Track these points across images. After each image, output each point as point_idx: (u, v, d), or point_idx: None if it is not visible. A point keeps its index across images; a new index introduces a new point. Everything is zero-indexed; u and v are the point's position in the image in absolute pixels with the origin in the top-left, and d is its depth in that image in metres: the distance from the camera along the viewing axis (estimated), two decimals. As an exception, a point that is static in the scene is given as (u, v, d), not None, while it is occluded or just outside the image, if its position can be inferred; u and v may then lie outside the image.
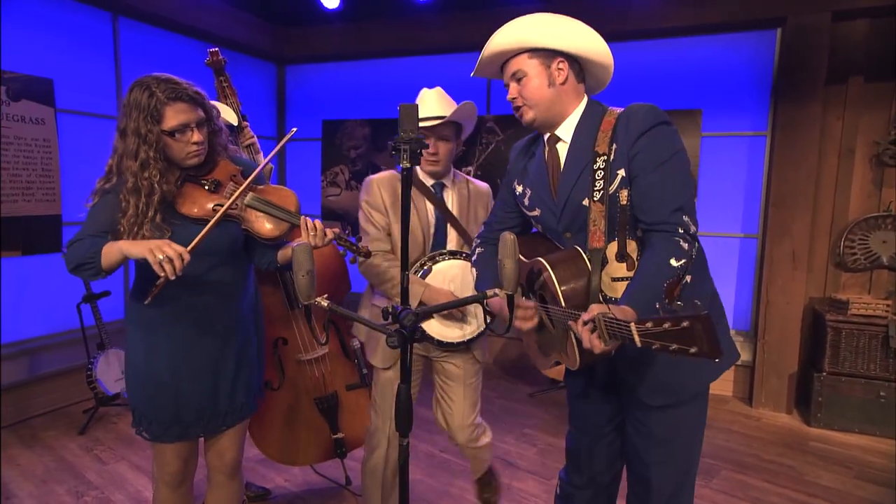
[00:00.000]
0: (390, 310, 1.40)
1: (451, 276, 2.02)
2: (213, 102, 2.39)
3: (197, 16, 4.21)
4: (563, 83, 1.50)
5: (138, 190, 1.50)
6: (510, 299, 1.38)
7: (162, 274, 1.38)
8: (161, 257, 1.36)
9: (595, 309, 1.22)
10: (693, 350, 1.02)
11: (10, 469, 2.86)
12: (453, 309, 2.00)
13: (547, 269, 1.44)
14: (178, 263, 1.38)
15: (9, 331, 3.34)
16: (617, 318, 1.16)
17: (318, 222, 1.67)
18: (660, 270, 1.32)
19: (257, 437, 2.53)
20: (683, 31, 3.95)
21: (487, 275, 1.67)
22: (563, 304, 1.39)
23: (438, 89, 2.05)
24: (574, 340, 1.36)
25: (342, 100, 5.22)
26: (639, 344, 1.09)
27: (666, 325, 1.05)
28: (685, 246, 1.35)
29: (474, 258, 1.77)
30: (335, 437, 2.51)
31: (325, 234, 1.66)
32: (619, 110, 1.49)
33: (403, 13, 4.59)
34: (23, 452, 3.03)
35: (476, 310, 2.04)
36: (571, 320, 1.30)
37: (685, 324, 1.02)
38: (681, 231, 1.35)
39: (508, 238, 1.31)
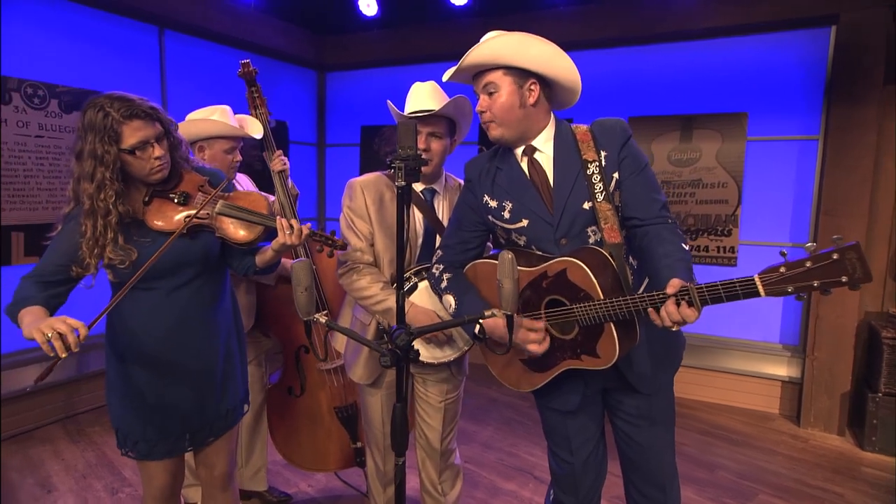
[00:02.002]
0: (385, 328, 1.39)
1: None
2: (240, 117, 2.47)
3: (239, 27, 4.35)
4: (533, 104, 1.56)
5: (94, 212, 1.49)
6: (510, 320, 1.36)
7: (51, 354, 1.25)
8: (49, 335, 1.25)
9: (677, 282, 1.28)
10: (844, 279, 1.13)
11: (56, 463, 3.02)
12: (453, 320, 1.94)
13: (578, 265, 1.44)
14: (70, 339, 1.26)
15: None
16: (719, 282, 1.24)
17: (293, 221, 1.66)
18: (684, 254, 1.43)
19: (280, 443, 2.58)
20: (727, 30, 3.78)
21: (469, 298, 1.64)
22: (601, 296, 1.41)
23: (432, 83, 1.94)
24: (615, 333, 1.42)
25: (381, 105, 5.27)
26: (763, 294, 1.20)
27: (808, 264, 1.16)
28: (682, 233, 1.51)
29: (443, 285, 1.70)
30: (354, 446, 2.52)
31: (302, 232, 1.65)
32: (584, 126, 1.61)
33: (441, 18, 4.60)
34: (68, 447, 3.19)
35: (460, 330, 1.92)
36: (633, 305, 1.35)
37: (835, 256, 1.13)
38: (670, 222, 1.52)
39: (507, 257, 1.28)
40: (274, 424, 2.59)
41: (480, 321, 1.42)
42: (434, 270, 1.77)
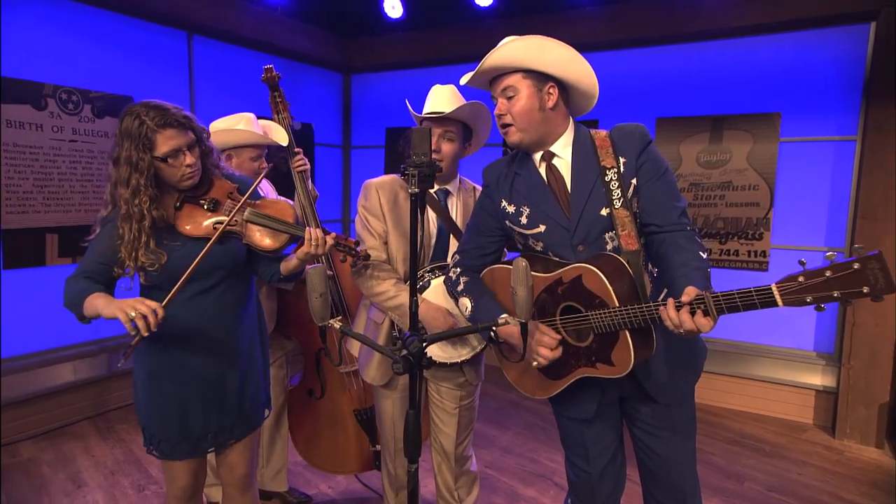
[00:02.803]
0: (397, 334, 1.41)
1: None
2: (264, 123, 2.51)
3: (266, 31, 4.42)
4: (552, 108, 1.56)
5: (130, 217, 1.55)
6: (524, 328, 1.35)
7: (134, 333, 1.37)
8: (133, 314, 1.37)
9: (692, 290, 1.26)
10: (866, 290, 1.10)
11: (86, 458, 3.12)
12: (466, 327, 1.94)
13: (593, 272, 1.43)
14: (151, 319, 1.38)
15: (88, 330, 3.63)
16: (735, 291, 1.22)
17: (318, 231, 1.70)
18: (701, 262, 1.42)
19: (300, 445, 2.61)
20: (759, 28, 3.69)
21: (486, 301, 1.65)
22: (616, 303, 1.40)
23: (451, 86, 1.97)
24: (630, 341, 1.41)
25: (406, 107, 5.29)
26: (780, 304, 1.18)
27: (828, 274, 1.13)
28: (700, 241, 1.49)
29: (460, 288, 1.72)
30: (374, 449, 2.54)
31: (326, 242, 1.70)
32: (603, 131, 1.59)
33: (466, 19, 4.60)
34: (98, 444, 3.29)
35: None
36: (649, 313, 1.34)
37: (856, 266, 1.11)
38: (689, 229, 1.50)
39: (521, 265, 1.28)
40: (294, 426, 2.63)
41: (494, 328, 1.41)
42: (451, 274, 1.78)
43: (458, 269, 1.76)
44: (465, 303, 1.68)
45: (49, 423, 3.43)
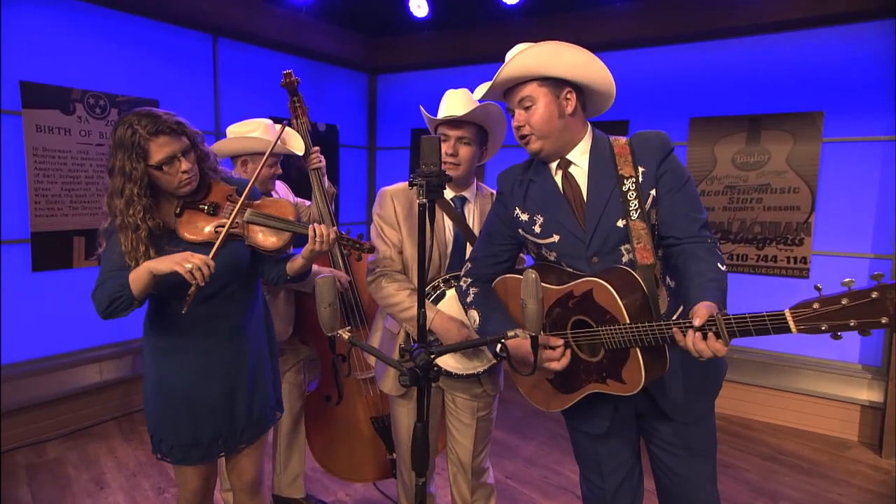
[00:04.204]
0: (403, 346, 1.41)
1: None
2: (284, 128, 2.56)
3: (290, 32, 4.50)
4: (571, 113, 1.55)
5: (126, 227, 1.58)
6: (534, 341, 1.34)
7: (193, 282, 1.51)
8: (189, 266, 1.50)
9: (704, 311, 1.23)
10: (884, 320, 1.06)
11: (109, 459, 3.22)
12: (475, 340, 1.93)
13: (603, 286, 1.42)
14: (205, 271, 1.51)
15: (114, 332, 3.76)
16: (748, 314, 1.19)
17: (322, 227, 1.71)
18: (718, 274, 1.39)
19: (317, 451, 2.64)
20: (799, 23, 3.59)
21: (495, 317, 1.64)
22: (626, 320, 1.38)
23: (464, 90, 1.97)
24: (641, 359, 1.38)
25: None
26: (794, 331, 1.14)
27: (844, 301, 1.09)
28: (720, 254, 1.45)
29: (469, 299, 1.72)
30: (390, 457, 2.56)
31: (331, 237, 1.71)
32: (623, 138, 1.56)
33: (493, 18, 4.59)
34: (121, 445, 3.40)
35: None
36: (660, 332, 1.31)
37: (874, 295, 1.07)
38: (709, 241, 1.47)
39: (531, 276, 1.27)
40: (311, 432, 2.67)
41: (503, 341, 1.40)
42: (462, 283, 1.77)
43: (469, 279, 1.76)
44: (474, 315, 1.68)
45: (75, 423, 3.55)
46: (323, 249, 1.71)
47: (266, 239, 1.72)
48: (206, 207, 1.71)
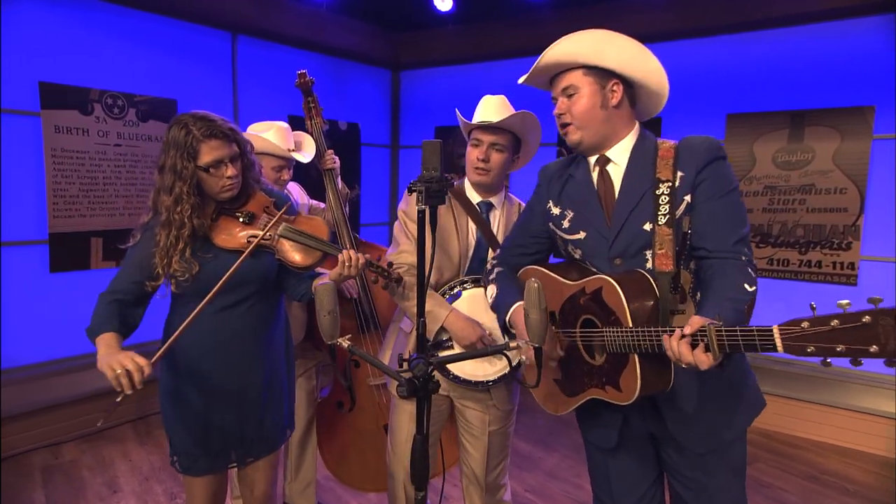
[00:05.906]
0: (404, 356, 1.40)
1: (484, 305, 1.93)
2: (299, 133, 2.59)
3: (311, 28, 4.54)
4: (616, 106, 1.51)
5: (170, 223, 1.65)
6: (538, 352, 1.32)
7: (119, 389, 1.41)
8: (119, 371, 1.41)
9: (697, 321, 1.20)
10: (873, 349, 0.99)
11: (123, 463, 3.30)
12: (477, 350, 1.90)
13: (612, 286, 1.40)
14: (136, 377, 1.41)
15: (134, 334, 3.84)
16: (738, 327, 1.14)
17: (352, 252, 1.75)
18: (740, 293, 1.34)
19: (328, 459, 2.66)
20: (846, 12, 3.46)
21: (512, 289, 1.66)
22: (629, 323, 1.36)
23: (501, 97, 2.01)
24: (638, 366, 1.35)
25: (456, 105, 5.31)
26: (780, 349, 1.09)
27: (834, 323, 1.02)
28: (752, 274, 1.39)
29: (492, 276, 1.75)
30: (403, 468, 2.55)
31: (359, 263, 1.75)
32: (672, 142, 1.51)
33: (519, 11, 4.56)
34: (136, 448, 3.47)
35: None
36: (657, 338, 1.27)
37: (866, 319, 0.99)
38: (744, 259, 1.40)
39: (534, 286, 1.26)
40: (323, 439, 2.68)
41: (506, 352, 1.38)
42: (488, 266, 1.82)
43: (495, 261, 1.80)
44: (492, 290, 1.71)
45: (91, 425, 3.65)
46: (351, 274, 1.76)
47: (295, 255, 1.76)
48: (241, 216, 1.76)
